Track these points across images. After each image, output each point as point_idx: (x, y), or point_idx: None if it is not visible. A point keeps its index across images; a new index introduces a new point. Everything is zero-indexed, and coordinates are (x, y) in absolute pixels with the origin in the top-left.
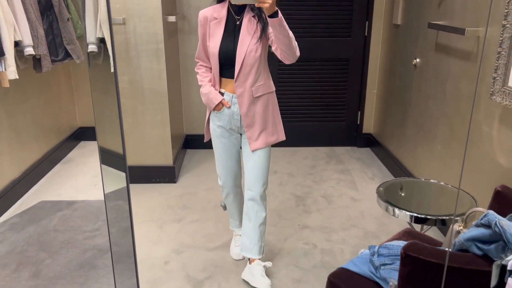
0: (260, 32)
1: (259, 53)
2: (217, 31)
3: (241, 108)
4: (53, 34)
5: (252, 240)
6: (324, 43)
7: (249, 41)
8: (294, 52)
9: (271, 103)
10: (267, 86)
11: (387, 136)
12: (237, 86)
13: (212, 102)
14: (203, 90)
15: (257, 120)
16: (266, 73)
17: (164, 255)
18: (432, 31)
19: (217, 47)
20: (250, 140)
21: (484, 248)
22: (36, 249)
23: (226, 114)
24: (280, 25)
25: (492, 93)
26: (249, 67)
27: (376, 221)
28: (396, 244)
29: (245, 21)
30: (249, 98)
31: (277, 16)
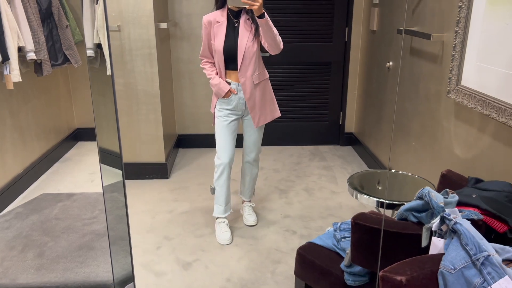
0: (254, 31)
1: (255, 48)
2: (220, 32)
3: (245, 94)
4: (53, 40)
5: (248, 188)
6: (307, 47)
7: (246, 38)
8: (278, 44)
9: (267, 87)
10: (263, 74)
11: (366, 135)
12: (240, 76)
13: (222, 90)
14: (213, 82)
15: (257, 102)
16: (261, 64)
17: (156, 241)
18: (405, 36)
19: (221, 44)
20: (254, 119)
21: (418, 215)
22: (40, 234)
23: (234, 99)
24: (266, 24)
25: (448, 92)
26: (249, 59)
27: (352, 211)
28: None
29: (242, 23)
30: (250, 85)
31: (264, 17)
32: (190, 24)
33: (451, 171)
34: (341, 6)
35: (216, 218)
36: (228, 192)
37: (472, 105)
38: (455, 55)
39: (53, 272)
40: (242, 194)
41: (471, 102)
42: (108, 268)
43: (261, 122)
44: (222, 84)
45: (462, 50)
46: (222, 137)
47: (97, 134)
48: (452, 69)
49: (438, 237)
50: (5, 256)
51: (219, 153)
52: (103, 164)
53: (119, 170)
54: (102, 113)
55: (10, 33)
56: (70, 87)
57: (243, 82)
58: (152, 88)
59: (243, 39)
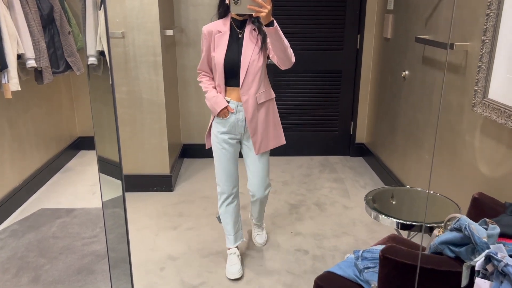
0: (260, 43)
1: (261, 62)
2: (222, 43)
3: (246, 114)
4: (55, 47)
5: (259, 214)
6: (317, 55)
7: (251, 51)
8: (289, 58)
9: (271, 109)
10: (269, 93)
11: (378, 146)
12: (242, 94)
13: (218, 105)
14: (209, 95)
15: (260, 125)
16: (267, 81)
17: (159, 261)
18: (419, 45)
19: (222, 57)
20: (255, 144)
21: (456, 250)
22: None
23: (231, 120)
24: (276, 33)
25: (473, 105)
26: (253, 75)
27: (366, 229)
28: (379, 249)
29: (247, 34)
30: (253, 105)
31: (273, 25)
32: (197, 30)
33: (483, 194)
34: (353, 13)
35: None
36: (236, 219)
37: (502, 121)
38: (481, 66)
39: None
40: (253, 217)
41: (500, 117)
42: None
43: (262, 148)
44: (219, 98)
45: (490, 61)
46: (221, 165)
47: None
48: (478, 81)
49: (482, 277)
50: None
51: (219, 181)
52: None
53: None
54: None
55: (9, 39)
56: (72, 94)
57: (245, 101)
58: (157, 97)
59: (247, 52)
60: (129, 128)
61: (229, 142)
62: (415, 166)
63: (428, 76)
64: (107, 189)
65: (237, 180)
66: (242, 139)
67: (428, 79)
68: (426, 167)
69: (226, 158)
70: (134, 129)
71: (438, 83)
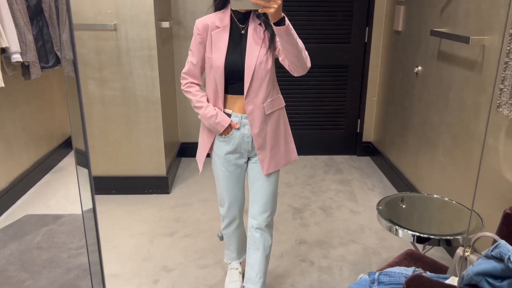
0: (268, 41)
1: (270, 65)
2: (221, 41)
3: (252, 128)
4: (43, 40)
5: (259, 271)
6: (323, 49)
7: (257, 51)
8: (304, 63)
9: (282, 120)
10: (278, 101)
11: (387, 145)
12: (248, 103)
13: (220, 125)
14: (205, 112)
15: (268, 140)
16: (276, 87)
17: (153, 272)
18: (434, 38)
19: (222, 59)
20: (262, 163)
21: (496, 284)
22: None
23: (236, 137)
24: (287, 34)
25: (498, 105)
26: (260, 80)
27: (376, 236)
28: (397, 272)
29: (251, 30)
30: (261, 116)
31: (284, 23)
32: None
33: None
34: (361, 4)
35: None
36: (241, 238)
37: None
38: (509, 62)
39: None
40: (249, 282)
41: None
42: None
43: (271, 168)
44: (220, 115)
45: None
46: (226, 190)
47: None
48: (505, 79)
49: None
50: None
51: (222, 205)
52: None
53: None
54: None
55: None
56: (64, 90)
57: (251, 112)
58: (153, 94)
59: (252, 53)
60: (123, 127)
61: (237, 163)
62: (428, 169)
63: (444, 72)
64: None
65: (243, 203)
66: (249, 156)
67: (444, 76)
68: (440, 170)
69: (232, 183)
70: (128, 128)
71: (456, 79)
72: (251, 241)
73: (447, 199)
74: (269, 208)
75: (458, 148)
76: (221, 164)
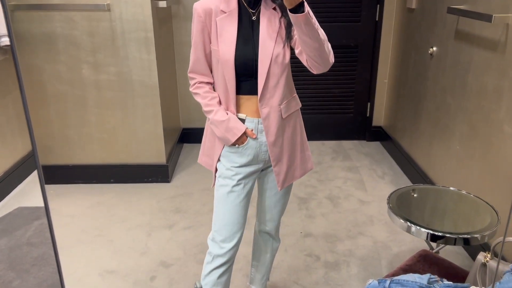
0: (285, 30)
1: (287, 59)
2: (229, 28)
3: (268, 136)
4: None
5: (265, 274)
6: (331, 28)
7: (273, 42)
8: (326, 58)
9: (299, 124)
10: (295, 102)
11: (398, 130)
12: (262, 106)
13: (233, 133)
14: (217, 118)
15: (285, 149)
16: (292, 85)
17: (150, 268)
18: (451, 17)
19: (231, 51)
20: (278, 177)
21: None
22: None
23: (252, 147)
24: (306, 23)
25: None
26: (276, 78)
27: (386, 228)
28: (411, 280)
29: (264, 16)
30: (277, 121)
31: (303, 10)
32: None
33: None
34: None
35: None
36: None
37: None
38: None
39: None
40: (254, 283)
41: None
42: None
43: (287, 181)
44: (233, 121)
45: None
46: (226, 212)
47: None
48: None
49: None
50: None
51: (216, 235)
52: None
53: None
54: None
55: None
56: None
57: (267, 116)
58: (150, 79)
59: (267, 44)
60: (119, 113)
61: (247, 178)
62: (443, 158)
63: (462, 54)
64: None
65: (241, 231)
66: (266, 167)
67: (462, 57)
68: (455, 159)
69: (236, 203)
70: (125, 115)
71: (475, 62)
72: (261, 243)
73: (464, 192)
74: (279, 217)
75: (476, 137)
76: (227, 178)
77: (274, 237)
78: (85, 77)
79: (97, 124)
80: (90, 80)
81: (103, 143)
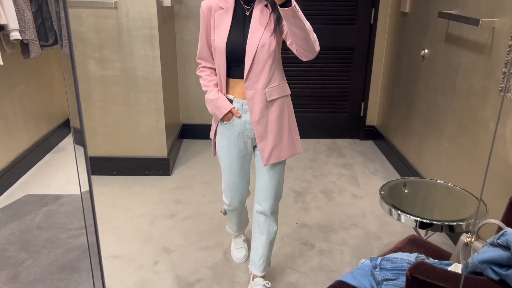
0: (274, 23)
1: (273, 48)
2: (224, 22)
3: (252, 114)
4: (43, 18)
5: (262, 256)
6: (327, 30)
7: (261, 33)
8: (312, 47)
9: (286, 108)
10: (282, 89)
11: (391, 129)
12: (247, 87)
13: (220, 111)
14: (208, 96)
15: (270, 128)
16: (280, 73)
17: (153, 254)
18: (442, 21)
19: (224, 40)
20: (262, 152)
21: (502, 272)
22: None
23: (237, 124)
24: (294, 16)
25: (501, 89)
26: (262, 64)
27: (377, 221)
28: (400, 257)
29: (256, 12)
30: (261, 102)
31: (290, 4)
32: (197, 1)
33: None
34: None
35: None
36: (242, 217)
37: None
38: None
39: None
40: (252, 265)
41: None
42: None
43: (273, 159)
44: (221, 101)
45: None
46: (229, 179)
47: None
48: (508, 62)
49: None
50: None
51: (225, 193)
52: None
53: None
54: None
55: None
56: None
57: (251, 97)
58: (153, 74)
59: (255, 34)
60: (123, 108)
61: (238, 151)
62: (433, 155)
63: (452, 56)
64: None
65: (246, 193)
66: (254, 144)
67: (451, 59)
68: (445, 155)
69: (234, 171)
70: (129, 109)
71: (464, 63)
72: (256, 225)
73: (451, 185)
74: (273, 197)
75: (464, 135)
76: (224, 150)
77: (270, 219)
78: (91, 72)
79: (101, 117)
80: (96, 75)
81: (107, 136)
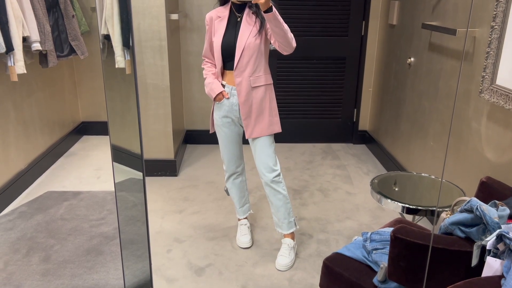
0: (259, 26)
1: (257, 45)
2: (220, 27)
3: (239, 97)
4: (59, 30)
5: (281, 217)
6: (321, 41)
7: (248, 33)
8: (290, 42)
9: (268, 95)
10: (265, 78)
11: (382, 133)
12: (236, 75)
13: (213, 91)
14: (206, 81)
15: (254, 109)
16: (265, 66)
17: (166, 243)
18: (425, 31)
19: (220, 40)
20: (246, 128)
21: (467, 231)
22: (45, 235)
23: (226, 104)
24: (274, 19)
25: (481, 91)
26: (248, 57)
27: (370, 214)
28: (387, 231)
29: (245, 17)
30: (247, 87)
31: (272, 11)
32: (201, 15)
33: (491, 179)
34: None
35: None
36: (241, 193)
37: (510, 106)
38: (490, 52)
39: (60, 278)
40: (277, 227)
41: (508, 103)
42: (118, 274)
43: (255, 133)
44: (215, 84)
45: (499, 47)
46: (223, 147)
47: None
48: (486, 67)
49: (493, 256)
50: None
51: (223, 160)
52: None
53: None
54: (113, 108)
55: (14, 22)
56: (75, 79)
57: (239, 83)
58: (162, 82)
59: (244, 34)
60: None
61: (228, 126)
62: (420, 153)
63: (435, 63)
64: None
65: (240, 160)
66: (241, 123)
67: (434, 66)
68: (430, 153)
69: (228, 141)
70: None
71: (445, 69)
72: (267, 194)
73: (434, 177)
74: (267, 168)
75: (447, 133)
76: (218, 125)
77: (272, 187)
78: None
79: None
80: None
81: None
